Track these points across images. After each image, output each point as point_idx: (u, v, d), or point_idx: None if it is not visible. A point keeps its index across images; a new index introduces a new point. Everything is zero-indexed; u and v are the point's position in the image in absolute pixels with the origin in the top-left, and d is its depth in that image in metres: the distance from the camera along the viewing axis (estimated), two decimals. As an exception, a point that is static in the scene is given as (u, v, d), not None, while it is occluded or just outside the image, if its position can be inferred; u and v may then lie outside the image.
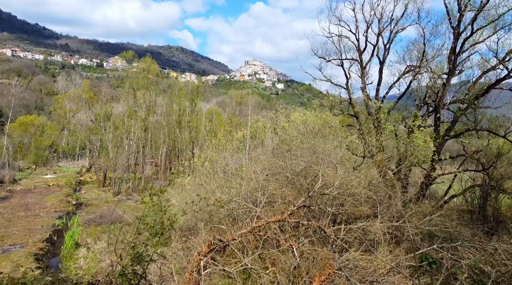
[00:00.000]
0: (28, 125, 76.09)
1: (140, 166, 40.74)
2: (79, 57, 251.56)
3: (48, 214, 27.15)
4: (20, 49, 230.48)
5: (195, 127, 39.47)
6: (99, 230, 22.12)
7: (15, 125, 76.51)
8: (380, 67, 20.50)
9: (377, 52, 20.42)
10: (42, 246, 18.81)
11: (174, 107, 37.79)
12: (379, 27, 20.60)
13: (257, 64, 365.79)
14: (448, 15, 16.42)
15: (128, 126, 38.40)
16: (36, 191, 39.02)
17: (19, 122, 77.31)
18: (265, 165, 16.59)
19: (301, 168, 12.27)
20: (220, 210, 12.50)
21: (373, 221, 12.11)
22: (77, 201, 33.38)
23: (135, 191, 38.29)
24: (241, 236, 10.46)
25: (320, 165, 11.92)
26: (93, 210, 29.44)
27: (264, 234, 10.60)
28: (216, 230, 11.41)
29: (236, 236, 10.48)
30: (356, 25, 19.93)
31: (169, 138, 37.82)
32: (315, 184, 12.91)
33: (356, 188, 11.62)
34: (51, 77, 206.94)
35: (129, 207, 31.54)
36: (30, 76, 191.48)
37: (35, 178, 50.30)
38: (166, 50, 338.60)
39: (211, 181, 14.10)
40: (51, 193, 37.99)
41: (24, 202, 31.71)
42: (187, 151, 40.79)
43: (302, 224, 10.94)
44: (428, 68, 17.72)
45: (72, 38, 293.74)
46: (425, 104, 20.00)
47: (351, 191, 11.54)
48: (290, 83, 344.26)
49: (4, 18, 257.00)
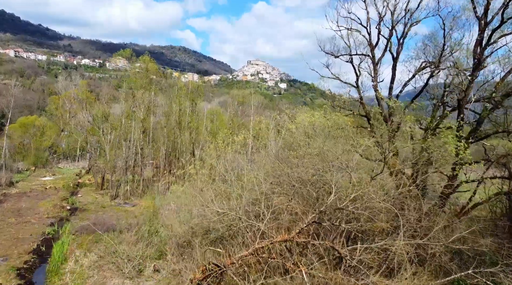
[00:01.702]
0: (28, 126, 75.07)
1: (139, 168, 39.30)
2: (81, 58, 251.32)
3: (40, 220, 25.76)
4: (23, 50, 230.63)
5: (195, 128, 37.94)
6: (91, 239, 20.66)
7: (15, 126, 75.43)
8: (394, 63, 18.83)
9: (390, 47, 18.77)
10: (27, 258, 17.37)
11: (174, 107, 36.30)
12: (393, 20, 18.95)
13: (260, 64, 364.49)
14: (473, 4, 14.73)
15: (126, 128, 36.97)
16: (32, 194, 37.71)
17: (19, 123, 76.29)
18: (268, 171, 15.03)
19: (310, 176, 10.67)
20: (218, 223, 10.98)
21: (393, 238, 10.49)
22: (72, 206, 32.00)
23: (134, 194, 36.85)
24: (242, 259, 8.90)
25: (332, 173, 10.32)
26: (88, 215, 28.01)
27: (268, 256, 9.03)
28: (212, 251, 9.86)
29: (236, 259, 8.91)
30: (368, 18, 18.31)
31: (168, 140, 36.33)
32: (326, 194, 11.30)
33: (373, 201, 10.01)
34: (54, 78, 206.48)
35: (126, 212, 30.07)
36: (33, 77, 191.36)
37: (33, 180, 49.08)
38: (169, 50, 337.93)
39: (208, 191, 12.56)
40: (47, 196, 36.65)
41: (16, 207, 30.36)
42: (187, 152, 39.30)
43: (313, 244, 9.35)
44: (450, 63, 16.01)
45: (75, 39, 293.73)
46: (442, 103, 18.30)
47: (368, 204, 9.93)
48: (293, 83, 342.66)
49: (7, 19, 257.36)
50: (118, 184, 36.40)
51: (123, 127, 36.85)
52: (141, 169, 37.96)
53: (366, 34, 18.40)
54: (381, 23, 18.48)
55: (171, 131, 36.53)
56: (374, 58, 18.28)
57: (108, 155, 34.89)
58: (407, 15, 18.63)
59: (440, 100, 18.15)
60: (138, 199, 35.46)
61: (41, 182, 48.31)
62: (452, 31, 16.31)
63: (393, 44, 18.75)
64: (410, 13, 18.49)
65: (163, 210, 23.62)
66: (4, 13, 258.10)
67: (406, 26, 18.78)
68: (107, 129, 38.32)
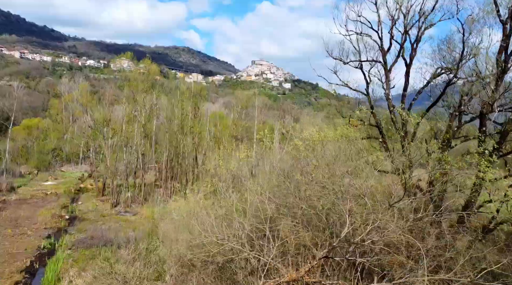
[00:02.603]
0: (32, 128, 74.80)
1: (141, 173, 38.42)
2: (86, 59, 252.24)
3: (36, 232, 24.94)
4: (28, 51, 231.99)
5: (198, 133, 36.96)
6: (88, 254, 19.74)
7: (19, 128, 75.21)
8: (407, 69, 17.59)
9: (403, 52, 17.54)
10: (18, 278, 16.48)
11: (176, 112, 35.36)
12: (405, 23, 17.71)
13: (264, 64, 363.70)
14: (496, 6, 13.49)
15: (127, 133, 36.11)
16: (32, 201, 37.01)
17: (23, 126, 76.03)
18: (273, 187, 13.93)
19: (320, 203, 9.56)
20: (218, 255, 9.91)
21: (414, 273, 9.34)
22: (72, 214, 31.20)
23: (135, 201, 35.97)
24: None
25: (346, 200, 9.19)
26: (87, 226, 27.15)
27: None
28: None
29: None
30: (379, 21, 17.10)
31: (170, 146, 35.39)
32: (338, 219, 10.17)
33: (393, 232, 8.87)
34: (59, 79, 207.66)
35: (126, 222, 29.18)
36: (38, 78, 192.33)
37: (34, 185, 48.45)
38: (173, 51, 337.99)
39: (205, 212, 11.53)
40: (47, 203, 35.93)
41: (15, 216, 29.61)
42: (189, 158, 38.35)
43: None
44: (470, 70, 14.78)
45: (79, 40, 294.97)
46: (460, 113, 17.04)
47: (386, 237, 8.79)
48: (297, 83, 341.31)
49: (13, 20, 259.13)
50: (119, 191, 35.54)
51: (123, 133, 35.97)
52: (142, 175, 37.06)
53: (378, 38, 17.22)
54: (394, 27, 17.27)
55: (173, 136, 35.58)
56: (386, 64, 17.09)
57: (109, 160, 34.03)
58: (421, 18, 17.43)
59: (457, 109, 16.92)
60: (139, 207, 34.56)
61: (42, 187, 47.70)
62: (470, 35, 15.07)
63: (406, 49, 17.56)
64: (425, 16, 17.28)
65: (163, 222, 22.60)
66: (9, 14, 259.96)
67: (420, 30, 17.56)
68: (108, 134, 37.50)
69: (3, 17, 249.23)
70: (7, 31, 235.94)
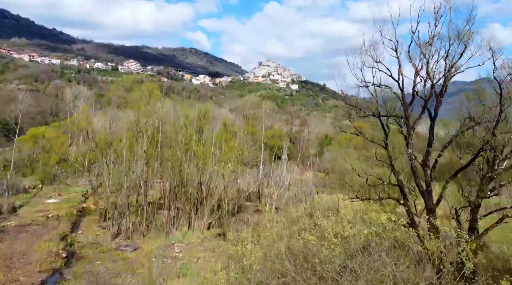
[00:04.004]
0: (38, 137, 74.22)
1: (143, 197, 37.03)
2: (94, 61, 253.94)
3: (29, 276, 23.67)
4: (37, 54, 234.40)
5: (202, 159, 35.45)
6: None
7: (26, 138, 74.81)
8: (431, 123, 15.65)
9: (427, 105, 15.63)
10: None
11: (180, 137, 33.90)
12: (429, 71, 15.78)
13: (271, 65, 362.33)
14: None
15: (128, 160, 34.79)
16: (31, 228, 35.89)
17: (30, 135, 75.58)
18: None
19: None
20: None
21: None
22: (70, 250, 29.89)
23: (136, 231, 34.59)
24: None
25: None
26: (84, 267, 25.82)
27: None
28: None
29: None
30: (400, 72, 15.18)
31: (173, 173, 33.95)
32: None
33: None
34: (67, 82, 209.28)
35: (126, 260, 27.77)
36: (47, 82, 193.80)
37: (36, 204, 47.56)
38: (180, 52, 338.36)
39: None
40: (46, 232, 34.77)
41: (10, 252, 28.42)
42: (193, 184, 36.85)
43: None
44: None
45: (88, 42, 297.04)
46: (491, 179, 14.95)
47: None
48: (305, 84, 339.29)
49: (22, 24, 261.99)
50: (120, 220, 34.18)
51: (125, 158, 34.64)
52: (144, 202, 35.67)
53: (398, 90, 15.31)
54: (418, 75, 15.34)
55: (176, 163, 34.12)
56: (409, 120, 15.16)
57: (109, 190, 32.73)
58: (447, 65, 15.47)
59: (491, 171, 14.95)
60: (141, 238, 33.20)
61: (45, 205, 46.76)
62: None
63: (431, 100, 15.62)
64: (452, 63, 15.32)
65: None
66: (19, 17, 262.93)
67: (447, 78, 15.63)
68: (109, 157, 36.20)
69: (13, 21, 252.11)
70: (17, 34, 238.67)
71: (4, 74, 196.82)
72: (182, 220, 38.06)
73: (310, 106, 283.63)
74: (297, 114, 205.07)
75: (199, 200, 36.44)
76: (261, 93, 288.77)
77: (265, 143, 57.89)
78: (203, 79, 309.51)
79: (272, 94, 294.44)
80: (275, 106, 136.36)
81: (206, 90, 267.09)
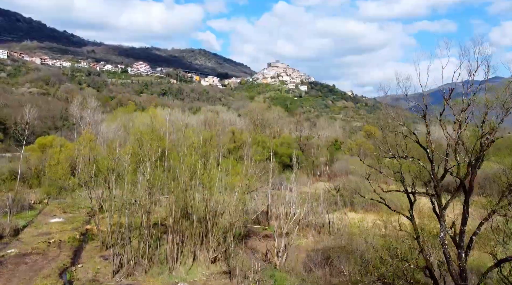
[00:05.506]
0: (46, 146, 73.62)
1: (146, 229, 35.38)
2: (104, 64, 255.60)
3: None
4: (48, 57, 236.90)
5: (208, 188, 33.69)
6: None
7: (34, 147, 74.41)
8: (465, 198, 13.27)
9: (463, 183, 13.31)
10: None
11: (184, 167, 32.15)
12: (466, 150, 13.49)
13: (280, 66, 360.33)
14: None
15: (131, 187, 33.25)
16: (31, 259, 34.63)
17: (37, 144, 75.13)
18: None
19: None
20: None
21: None
22: (68, 288, 28.46)
23: (139, 264, 32.98)
24: None
25: None
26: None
27: None
28: None
29: None
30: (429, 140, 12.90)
31: (176, 205, 32.23)
32: None
33: None
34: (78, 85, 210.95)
35: (125, 306, 26.15)
36: (57, 85, 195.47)
37: (40, 225, 46.51)
38: (189, 53, 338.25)
39: None
40: (46, 264, 33.45)
41: (6, 292, 27.16)
42: (198, 213, 35.09)
43: None
44: None
45: (98, 44, 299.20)
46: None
47: None
48: (314, 85, 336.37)
49: (34, 26, 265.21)
50: (123, 251, 32.62)
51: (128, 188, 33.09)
52: (146, 235, 34.02)
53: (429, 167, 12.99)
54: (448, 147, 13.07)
55: (180, 195, 32.41)
56: (440, 198, 12.86)
57: (109, 224, 31.22)
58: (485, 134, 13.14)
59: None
60: (143, 274, 31.56)
61: (48, 226, 45.73)
62: None
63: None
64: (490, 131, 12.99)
65: None
66: (31, 20, 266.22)
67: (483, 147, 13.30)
68: (112, 184, 34.74)
69: (25, 23, 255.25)
70: (28, 37, 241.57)
71: (16, 77, 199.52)
72: (186, 250, 36.40)
73: (319, 107, 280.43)
74: (306, 116, 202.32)
75: (204, 232, 34.75)
76: (270, 95, 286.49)
77: (274, 152, 56.01)
78: (212, 80, 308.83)
79: (281, 96, 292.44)
80: (283, 111, 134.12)
81: (215, 91, 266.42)
